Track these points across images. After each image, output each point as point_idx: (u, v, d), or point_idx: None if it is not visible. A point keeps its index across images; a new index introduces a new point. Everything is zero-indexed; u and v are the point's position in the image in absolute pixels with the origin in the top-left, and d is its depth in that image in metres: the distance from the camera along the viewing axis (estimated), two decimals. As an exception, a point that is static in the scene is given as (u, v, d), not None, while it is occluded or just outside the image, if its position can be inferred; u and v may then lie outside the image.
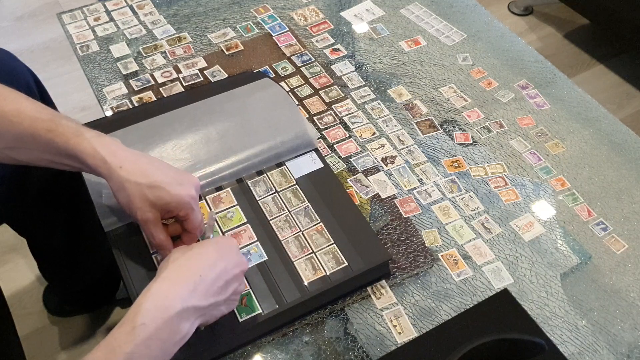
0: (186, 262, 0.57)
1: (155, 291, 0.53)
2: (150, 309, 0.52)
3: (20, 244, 1.07)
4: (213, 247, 0.60)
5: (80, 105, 1.62)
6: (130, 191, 0.60)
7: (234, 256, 0.60)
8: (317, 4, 1.08)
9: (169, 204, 0.61)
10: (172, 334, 0.52)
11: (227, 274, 0.58)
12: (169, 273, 0.56)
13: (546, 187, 0.82)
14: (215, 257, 0.58)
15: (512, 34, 1.04)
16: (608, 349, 0.66)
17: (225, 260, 0.58)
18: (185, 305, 0.53)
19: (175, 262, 0.57)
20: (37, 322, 1.28)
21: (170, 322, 0.52)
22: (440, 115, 0.90)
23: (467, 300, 0.70)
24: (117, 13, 1.05)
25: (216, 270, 0.57)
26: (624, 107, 1.81)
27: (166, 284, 0.54)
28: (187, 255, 0.58)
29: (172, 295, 0.53)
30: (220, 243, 0.61)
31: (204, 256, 0.58)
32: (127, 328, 0.50)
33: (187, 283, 0.54)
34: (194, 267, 0.56)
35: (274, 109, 0.83)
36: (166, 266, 0.57)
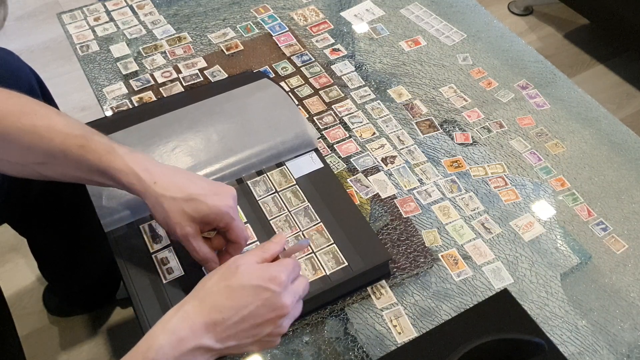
0: (215, 297, 0.53)
1: (171, 327, 0.51)
2: (164, 345, 0.50)
3: (20, 244, 1.08)
4: (250, 288, 0.53)
5: (80, 105, 1.62)
6: (167, 206, 0.59)
7: (275, 299, 0.54)
8: (317, 4, 1.08)
9: (208, 216, 0.59)
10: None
11: (259, 318, 0.53)
12: (192, 306, 0.52)
13: (546, 187, 0.82)
14: (248, 299, 0.53)
15: (512, 34, 1.04)
16: (608, 349, 0.66)
17: (258, 304, 0.53)
18: (199, 344, 0.51)
19: (207, 291, 0.53)
20: (37, 322, 1.29)
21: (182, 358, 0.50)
22: (440, 115, 0.90)
23: (467, 300, 0.70)
24: (117, 13, 1.05)
25: (243, 313, 0.52)
26: (624, 107, 1.81)
27: (185, 320, 0.51)
28: (220, 286, 0.54)
29: (188, 334, 0.50)
30: (262, 283, 0.54)
31: (237, 296, 0.53)
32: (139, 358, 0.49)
33: (206, 321, 0.51)
34: (219, 306, 0.52)
35: (273, 109, 0.83)
36: (197, 294, 0.53)
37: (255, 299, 0.53)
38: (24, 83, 0.83)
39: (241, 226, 0.63)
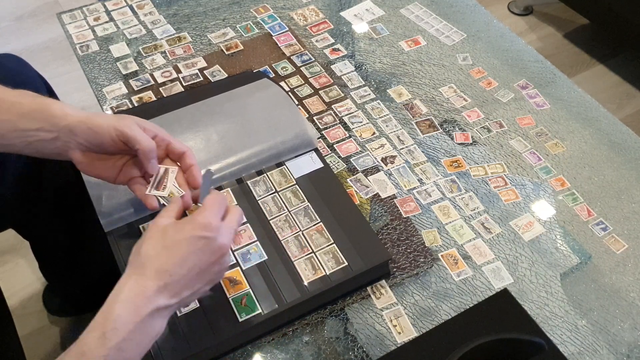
0: (155, 261, 0.54)
1: (125, 297, 0.52)
2: (121, 314, 0.50)
3: (21, 244, 1.08)
4: (186, 242, 0.55)
5: (80, 105, 1.61)
6: (107, 115, 0.63)
7: (212, 244, 0.56)
8: (317, 4, 1.08)
9: (146, 121, 0.64)
10: (145, 334, 0.52)
11: (203, 264, 0.56)
12: (138, 274, 0.53)
13: (546, 187, 0.82)
14: (186, 252, 0.55)
15: (512, 34, 1.04)
16: (608, 348, 0.66)
17: (198, 253, 0.55)
18: (156, 306, 0.52)
19: (145, 257, 0.54)
20: (37, 322, 1.28)
21: (142, 325, 0.51)
22: (440, 115, 0.90)
23: (467, 300, 0.70)
24: (117, 13, 1.05)
25: (187, 266, 0.55)
26: (624, 107, 1.81)
27: (136, 287, 0.53)
28: (157, 249, 0.55)
29: (141, 299, 0.52)
30: (195, 233, 0.56)
31: (175, 253, 0.55)
32: (98, 333, 0.50)
33: (156, 285, 0.53)
34: (163, 267, 0.54)
35: (273, 109, 0.83)
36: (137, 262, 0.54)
37: (194, 249, 0.55)
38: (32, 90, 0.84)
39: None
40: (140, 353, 0.52)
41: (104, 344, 0.49)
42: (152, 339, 0.53)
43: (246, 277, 0.68)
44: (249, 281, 0.67)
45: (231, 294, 0.66)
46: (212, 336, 0.63)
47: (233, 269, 0.69)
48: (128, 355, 0.50)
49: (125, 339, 0.50)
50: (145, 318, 0.51)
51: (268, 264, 0.69)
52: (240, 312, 0.65)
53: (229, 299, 0.66)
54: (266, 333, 0.66)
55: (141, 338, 0.51)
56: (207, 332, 0.63)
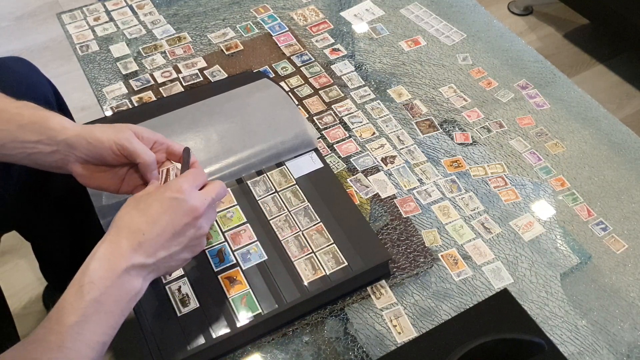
0: (129, 221, 0.56)
1: (100, 254, 0.53)
2: (97, 268, 0.52)
3: (21, 244, 1.07)
4: (157, 202, 0.57)
5: (80, 105, 1.62)
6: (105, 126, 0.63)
7: (182, 205, 0.57)
8: (316, 4, 1.08)
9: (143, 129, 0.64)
10: (123, 292, 0.53)
11: (175, 225, 0.57)
12: (112, 235, 0.55)
13: (546, 187, 0.82)
14: (157, 211, 0.56)
15: (512, 34, 1.04)
16: (608, 348, 0.66)
17: (169, 213, 0.57)
18: (130, 264, 0.53)
19: (120, 220, 0.56)
20: (37, 322, 1.28)
21: (119, 281, 0.52)
22: (440, 115, 0.90)
23: (466, 300, 0.70)
24: (116, 13, 1.05)
25: (160, 225, 0.56)
26: (624, 107, 1.81)
27: (110, 246, 0.54)
28: (131, 212, 0.57)
29: (117, 256, 0.53)
30: (166, 194, 0.58)
31: (146, 212, 0.56)
32: (75, 288, 0.51)
33: (130, 242, 0.54)
34: (135, 226, 0.55)
35: (273, 109, 0.83)
36: (112, 225, 0.56)
37: (164, 209, 0.57)
38: (40, 95, 0.84)
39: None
40: (122, 310, 0.53)
41: (82, 297, 0.50)
42: (132, 298, 0.54)
43: (246, 277, 0.68)
44: (249, 281, 0.67)
45: (231, 294, 0.66)
46: (212, 336, 0.63)
47: (233, 269, 0.69)
48: (108, 309, 0.52)
49: (103, 293, 0.51)
50: (122, 274, 0.52)
51: (268, 264, 0.69)
52: (240, 312, 0.65)
53: (229, 299, 0.66)
54: (266, 333, 0.66)
55: (119, 294, 0.52)
56: (207, 332, 0.63)
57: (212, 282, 0.67)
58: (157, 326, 0.64)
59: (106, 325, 0.52)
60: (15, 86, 0.67)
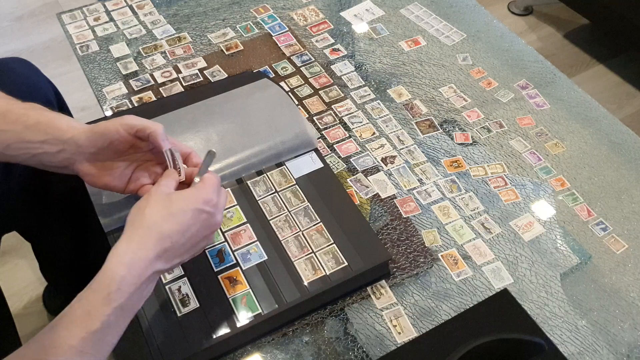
0: (160, 225, 0.55)
1: (129, 260, 0.53)
2: (126, 276, 0.52)
3: (21, 244, 1.07)
4: (191, 212, 0.57)
5: (80, 105, 1.61)
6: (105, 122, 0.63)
7: (211, 219, 0.59)
8: (316, 4, 1.08)
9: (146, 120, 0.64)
10: (141, 295, 0.54)
11: (198, 237, 0.58)
12: (141, 236, 0.55)
13: (546, 187, 0.82)
14: (189, 222, 0.57)
15: (512, 34, 1.04)
16: (608, 348, 0.66)
17: (198, 225, 0.58)
18: (156, 270, 0.55)
19: (150, 219, 0.55)
20: (37, 322, 1.28)
21: (141, 287, 0.53)
22: (440, 115, 0.90)
23: (467, 300, 0.70)
24: (116, 13, 1.05)
25: (187, 236, 0.57)
26: (624, 107, 1.81)
27: (139, 250, 0.54)
28: (162, 213, 0.56)
29: (144, 263, 0.54)
30: (199, 205, 0.58)
31: (180, 221, 0.56)
32: (103, 294, 0.51)
33: (157, 248, 0.54)
34: (166, 232, 0.55)
35: (273, 109, 0.83)
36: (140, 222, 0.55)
37: (196, 221, 0.57)
38: (41, 96, 0.84)
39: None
40: (134, 312, 0.54)
41: (109, 304, 0.51)
42: (144, 299, 0.55)
43: (246, 277, 0.68)
44: (249, 281, 0.67)
45: (231, 294, 0.66)
46: (212, 336, 0.63)
47: (233, 269, 0.69)
48: (128, 314, 0.53)
49: (127, 299, 0.52)
50: (145, 280, 0.54)
51: (268, 264, 0.69)
52: (240, 312, 0.65)
53: (229, 299, 0.66)
54: (266, 333, 0.66)
55: (138, 298, 0.54)
56: (207, 332, 0.63)
57: (212, 282, 0.67)
58: (157, 326, 0.64)
59: (123, 328, 0.53)
60: (16, 87, 0.67)
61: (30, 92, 0.82)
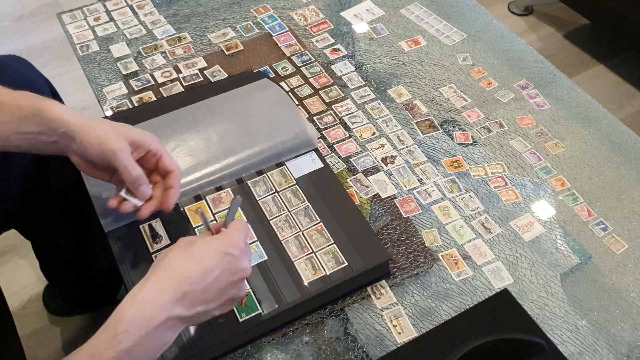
0: (179, 266, 0.53)
1: (140, 300, 0.50)
2: (135, 317, 0.49)
3: (21, 243, 1.07)
4: (213, 253, 0.54)
5: (80, 105, 1.61)
6: (100, 127, 0.62)
7: (236, 263, 0.55)
8: (317, 4, 1.08)
9: (140, 136, 0.64)
10: (155, 342, 0.51)
11: (223, 282, 0.54)
12: (158, 277, 0.52)
13: (546, 187, 0.82)
14: (212, 264, 0.54)
15: (512, 34, 1.04)
16: (608, 348, 0.66)
17: (223, 267, 0.54)
18: (170, 315, 0.51)
19: (170, 262, 0.53)
20: (37, 322, 1.28)
21: (154, 332, 0.50)
22: (440, 115, 0.90)
23: (467, 300, 0.70)
24: (117, 13, 1.05)
25: (210, 279, 0.53)
26: (624, 107, 1.81)
27: (153, 292, 0.51)
28: (183, 256, 0.54)
29: (158, 305, 0.50)
30: (223, 248, 0.55)
31: (200, 262, 0.53)
32: (109, 335, 0.49)
33: (175, 292, 0.51)
34: (185, 273, 0.52)
35: (273, 109, 0.83)
36: (160, 266, 0.53)
37: (219, 263, 0.54)
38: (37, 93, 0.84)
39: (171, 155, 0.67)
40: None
41: (114, 347, 0.48)
42: (161, 348, 0.52)
43: (246, 277, 0.68)
44: (249, 281, 0.67)
45: (231, 294, 0.66)
46: (212, 336, 0.63)
47: None
48: (136, 359, 0.49)
49: (136, 344, 0.49)
50: (159, 325, 0.50)
51: (268, 264, 0.69)
52: (241, 312, 0.65)
53: (229, 299, 0.66)
54: (266, 333, 0.66)
55: (151, 345, 0.50)
56: (207, 332, 0.63)
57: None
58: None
59: None
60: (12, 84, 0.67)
61: (26, 89, 0.82)
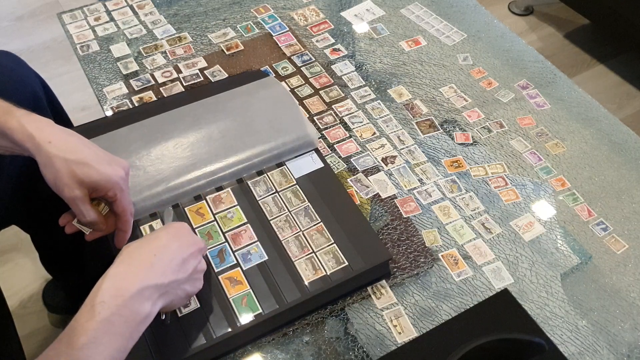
0: (140, 246, 0.58)
1: (112, 273, 0.54)
2: (109, 288, 0.52)
3: (21, 243, 1.07)
4: (165, 231, 0.61)
5: (80, 105, 1.62)
6: (58, 166, 0.60)
7: (187, 236, 0.61)
8: (317, 4, 1.08)
9: (97, 182, 0.61)
10: (134, 313, 0.52)
11: (183, 252, 0.59)
12: (124, 257, 0.56)
13: (546, 187, 0.82)
14: (167, 238, 0.59)
15: (512, 34, 1.04)
16: (608, 349, 0.66)
17: (178, 240, 0.59)
18: (144, 285, 0.53)
19: (129, 247, 0.58)
20: (37, 321, 1.28)
21: (130, 301, 0.52)
22: (440, 115, 0.90)
23: (467, 300, 0.70)
24: (117, 13, 1.05)
25: (171, 249, 0.58)
26: (624, 107, 1.81)
27: (122, 266, 0.55)
28: (139, 241, 0.59)
29: (130, 276, 0.54)
30: (172, 226, 0.62)
31: (156, 239, 0.59)
32: (87, 307, 0.51)
33: (143, 263, 0.55)
34: (147, 249, 0.57)
35: (276, 108, 0.83)
36: (122, 254, 0.57)
37: (172, 238, 0.59)
38: (27, 89, 0.83)
39: (128, 199, 0.65)
40: (131, 333, 0.52)
41: (93, 317, 0.50)
42: (142, 320, 0.53)
43: (247, 277, 0.68)
44: (250, 281, 0.67)
45: (232, 294, 0.66)
46: (212, 336, 0.63)
47: (234, 269, 0.69)
48: (118, 330, 0.51)
49: (114, 313, 0.51)
50: (134, 294, 0.52)
51: (268, 264, 0.69)
52: (241, 312, 0.65)
53: (230, 299, 0.66)
54: (266, 333, 0.66)
55: (130, 315, 0.52)
56: (207, 332, 0.63)
57: (212, 283, 0.67)
58: (158, 326, 0.64)
59: (115, 348, 0.51)
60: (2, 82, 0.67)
61: (16, 85, 0.81)
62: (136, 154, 0.76)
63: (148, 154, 0.76)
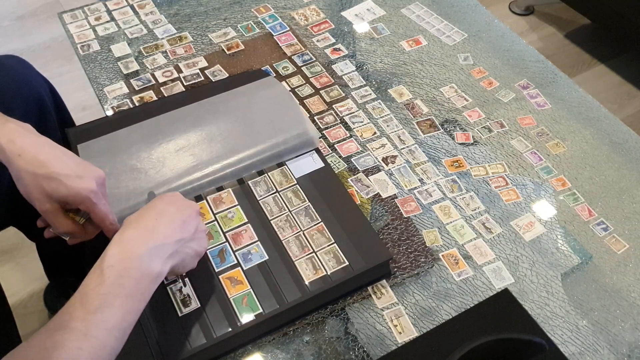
0: (140, 214, 0.59)
1: (118, 239, 0.55)
2: (116, 252, 0.53)
3: (21, 243, 1.08)
4: (159, 199, 0.62)
5: (81, 104, 1.62)
6: (27, 181, 0.59)
7: (182, 201, 0.63)
8: (317, 4, 1.08)
9: (66, 197, 0.60)
10: (143, 274, 0.53)
11: (181, 214, 0.60)
12: (126, 226, 0.57)
13: (547, 187, 0.82)
14: (163, 205, 0.60)
15: (513, 34, 1.04)
16: (609, 348, 0.66)
17: (174, 205, 0.61)
18: (150, 245, 0.55)
19: (130, 217, 0.58)
20: (38, 321, 1.29)
21: (139, 262, 0.53)
22: (441, 115, 0.90)
23: (467, 300, 0.70)
24: (118, 12, 1.05)
25: (169, 212, 0.59)
26: (625, 107, 1.81)
27: (127, 232, 0.56)
28: (138, 212, 0.59)
29: (135, 240, 0.55)
30: (165, 195, 0.63)
31: (154, 207, 0.60)
32: (97, 273, 0.52)
33: (147, 227, 0.56)
34: (147, 215, 0.58)
35: (277, 108, 0.83)
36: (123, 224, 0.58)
37: (167, 204, 0.61)
38: (33, 92, 0.83)
39: (104, 210, 0.63)
40: (142, 294, 0.53)
41: (103, 281, 0.51)
42: (153, 280, 0.54)
43: (247, 277, 0.68)
44: (250, 281, 0.67)
45: (232, 293, 0.66)
46: (213, 336, 0.63)
47: (234, 269, 0.69)
48: (129, 292, 0.52)
49: (123, 275, 0.52)
50: (142, 255, 0.53)
51: (269, 264, 0.69)
52: (241, 312, 0.65)
53: (230, 299, 0.66)
54: (267, 333, 0.66)
55: (140, 276, 0.53)
56: (207, 331, 0.63)
57: (213, 283, 0.67)
58: (158, 326, 0.64)
59: (127, 310, 0.52)
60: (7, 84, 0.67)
61: (23, 89, 0.82)
62: (137, 156, 0.76)
63: (149, 156, 0.77)
